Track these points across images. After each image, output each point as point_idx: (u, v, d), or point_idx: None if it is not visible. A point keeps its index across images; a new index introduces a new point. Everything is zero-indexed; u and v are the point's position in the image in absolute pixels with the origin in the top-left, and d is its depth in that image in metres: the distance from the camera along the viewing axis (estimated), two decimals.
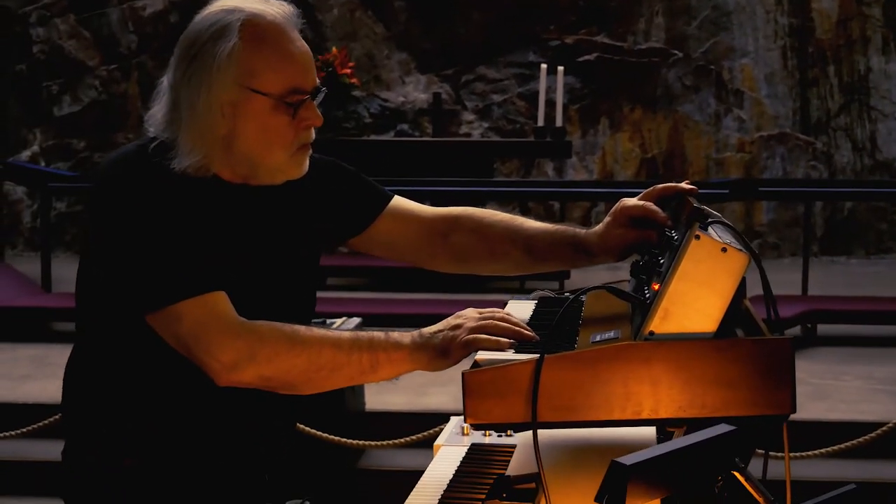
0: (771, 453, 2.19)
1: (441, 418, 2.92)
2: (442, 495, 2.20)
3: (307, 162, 2.38)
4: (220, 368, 2.20)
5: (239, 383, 2.22)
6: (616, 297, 2.26)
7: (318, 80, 2.34)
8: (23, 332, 7.69)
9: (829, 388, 6.34)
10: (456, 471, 2.39)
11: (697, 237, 1.98)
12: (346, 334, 2.23)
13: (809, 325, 7.52)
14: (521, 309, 2.55)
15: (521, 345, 2.15)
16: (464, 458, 2.44)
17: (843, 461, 5.33)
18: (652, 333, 1.99)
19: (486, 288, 9.06)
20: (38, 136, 11.14)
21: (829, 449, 4.93)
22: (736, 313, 2.39)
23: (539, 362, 1.99)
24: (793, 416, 2.01)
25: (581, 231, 2.51)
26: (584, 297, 2.61)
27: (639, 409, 2.00)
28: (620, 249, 2.42)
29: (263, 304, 2.35)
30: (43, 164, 10.99)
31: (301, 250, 2.48)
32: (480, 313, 2.24)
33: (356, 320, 5.65)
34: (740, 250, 1.99)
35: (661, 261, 2.16)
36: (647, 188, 2.40)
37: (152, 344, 2.27)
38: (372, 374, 2.22)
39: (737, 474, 1.77)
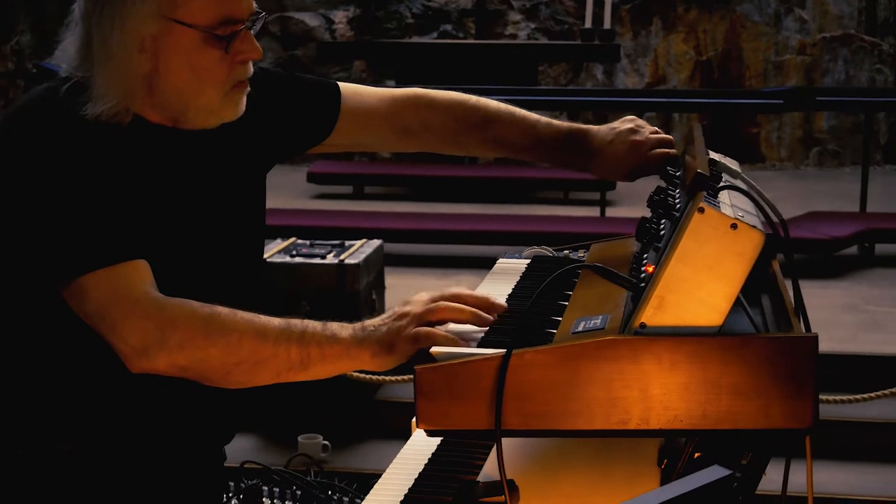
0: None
1: None
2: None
3: (244, 101, 2.04)
4: (130, 353, 1.88)
5: (152, 370, 1.90)
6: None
7: (254, 5, 1.98)
8: None
9: (886, 318, 5.91)
10: (426, 464, 2.07)
11: (701, 210, 1.60)
12: (276, 322, 1.89)
13: (867, 245, 7.07)
14: (508, 271, 2.20)
15: (486, 335, 1.79)
16: (439, 445, 2.12)
17: None
18: (643, 326, 1.63)
19: (530, 199, 8.70)
20: None
21: (887, 392, 4.54)
22: (761, 278, 2.04)
23: (505, 358, 1.64)
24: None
25: (574, 133, 2.32)
26: (582, 254, 2.26)
27: (626, 417, 1.64)
28: (629, 175, 2.29)
29: (203, 264, 2.04)
30: None
31: (247, 194, 2.17)
32: (431, 297, 1.88)
33: (376, 243, 5.31)
34: (754, 227, 1.60)
35: (662, 230, 1.79)
36: (703, 96, 2.11)
37: (72, 320, 1.96)
38: (302, 371, 1.89)
39: None
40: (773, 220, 1.71)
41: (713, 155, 2.16)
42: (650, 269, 1.70)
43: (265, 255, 4.97)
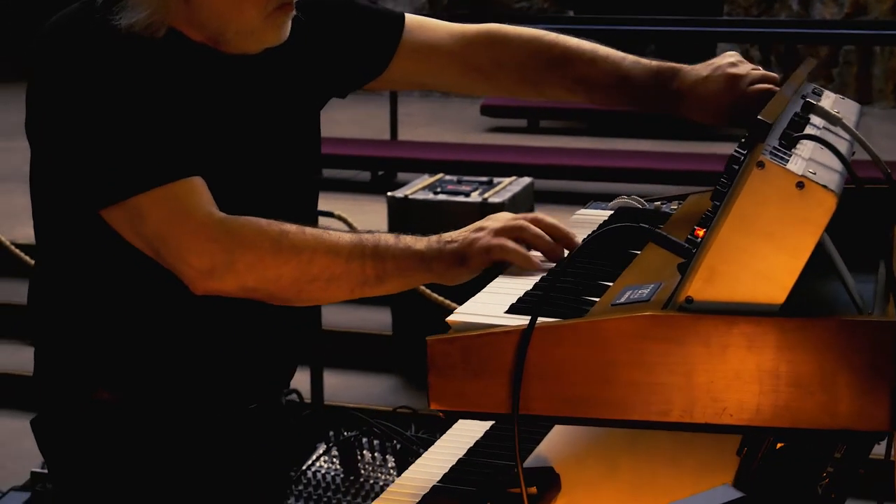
0: None
1: None
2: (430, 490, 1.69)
3: (288, 25, 1.88)
4: (195, 275, 1.77)
5: (218, 292, 1.80)
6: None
7: None
8: None
9: None
10: (478, 440, 1.87)
11: (760, 165, 1.33)
12: (347, 237, 1.81)
13: None
14: (584, 224, 1.95)
15: (519, 301, 1.56)
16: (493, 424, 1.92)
17: None
18: (690, 301, 1.37)
19: (716, 136, 8.30)
20: None
21: None
22: (881, 242, 1.76)
23: (527, 331, 1.41)
24: None
25: (664, 71, 2.02)
26: (675, 207, 2.00)
27: (666, 407, 1.39)
28: (726, 115, 1.98)
29: (245, 196, 1.88)
30: None
31: (295, 127, 2.01)
32: (512, 216, 1.81)
33: (526, 180, 5.08)
34: (825, 187, 1.32)
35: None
36: None
37: (118, 251, 1.84)
38: (378, 286, 1.81)
39: None
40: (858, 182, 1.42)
41: (826, 97, 1.86)
42: (700, 232, 1.43)
43: (408, 192, 4.86)
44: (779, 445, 1.70)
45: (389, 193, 4.83)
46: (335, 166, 7.39)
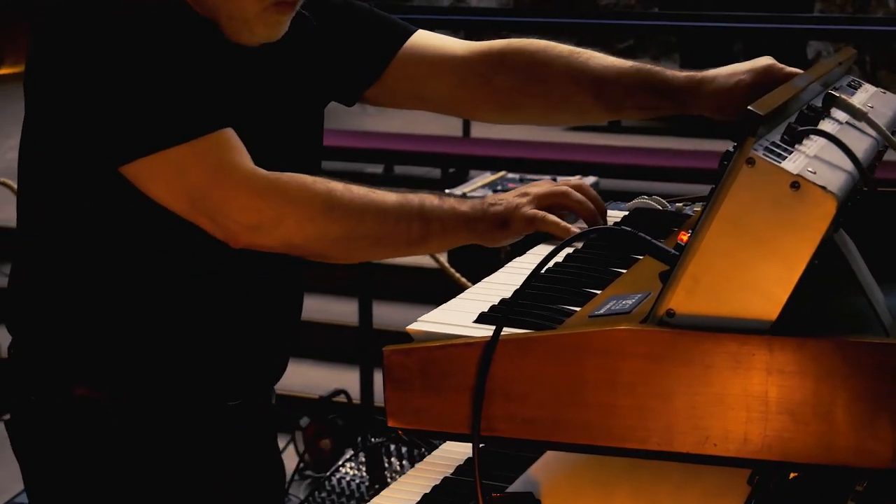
0: None
1: None
2: None
3: (285, 25, 1.82)
4: (239, 231, 1.73)
5: (259, 247, 1.76)
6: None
7: None
8: None
9: None
10: (467, 459, 1.73)
11: (750, 162, 1.17)
12: (392, 198, 1.78)
13: None
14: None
15: (490, 310, 1.41)
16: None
17: None
18: (671, 314, 1.22)
19: None
20: None
21: None
22: None
23: (490, 344, 1.26)
24: None
25: (677, 76, 1.95)
26: (693, 209, 1.84)
27: (643, 434, 1.24)
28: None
29: None
30: None
31: (295, 118, 1.94)
32: (554, 183, 1.82)
33: (590, 180, 4.90)
34: (824, 189, 1.15)
35: None
36: None
37: (104, 233, 1.78)
38: (421, 246, 1.80)
39: None
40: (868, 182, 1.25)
41: (864, 90, 1.69)
42: (684, 237, 1.27)
43: (467, 190, 4.71)
44: (792, 475, 1.54)
45: (447, 191, 4.69)
46: (404, 163, 7.28)
